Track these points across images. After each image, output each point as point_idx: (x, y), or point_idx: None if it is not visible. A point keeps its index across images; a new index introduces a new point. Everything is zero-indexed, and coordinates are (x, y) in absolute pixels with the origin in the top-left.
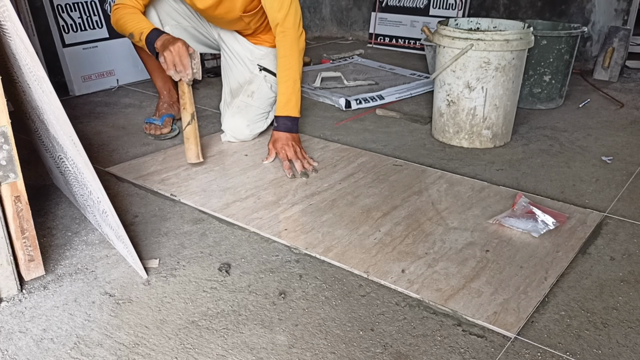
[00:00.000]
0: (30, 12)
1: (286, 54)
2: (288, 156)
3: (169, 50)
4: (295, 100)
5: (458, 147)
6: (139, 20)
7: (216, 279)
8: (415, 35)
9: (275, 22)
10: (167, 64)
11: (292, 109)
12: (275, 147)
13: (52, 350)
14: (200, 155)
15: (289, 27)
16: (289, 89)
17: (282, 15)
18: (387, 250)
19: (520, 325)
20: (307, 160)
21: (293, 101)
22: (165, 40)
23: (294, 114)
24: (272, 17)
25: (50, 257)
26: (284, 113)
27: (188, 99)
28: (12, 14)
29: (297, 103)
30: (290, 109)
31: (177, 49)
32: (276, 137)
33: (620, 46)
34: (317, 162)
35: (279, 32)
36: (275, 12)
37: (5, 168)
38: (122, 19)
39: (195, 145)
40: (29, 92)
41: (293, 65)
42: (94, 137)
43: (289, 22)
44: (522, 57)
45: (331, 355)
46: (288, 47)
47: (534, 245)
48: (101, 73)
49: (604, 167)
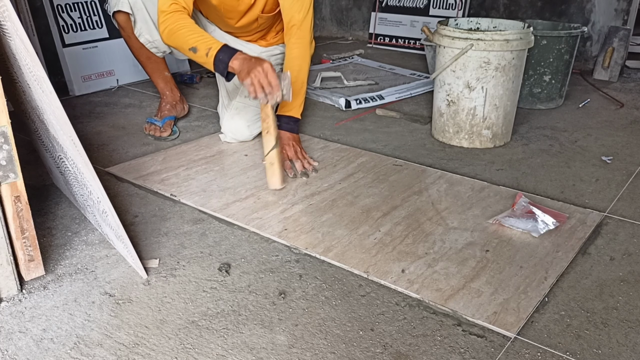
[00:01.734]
0: (30, 12)
1: (299, 55)
2: (289, 156)
3: (256, 73)
4: (300, 102)
5: (458, 147)
6: (202, 33)
7: (216, 279)
8: (415, 35)
9: (292, 23)
10: (254, 87)
11: (296, 110)
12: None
13: (52, 350)
14: (284, 180)
15: (305, 30)
16: (296, 90)
17: (301, 16)
18: (387, 250)
19: (520, 325)
20: (308, 160)
21: (298, 102)
22: (245, 60)
23: (297, 115)
24: (289, 17)
25: (50, 257)
26: (287, 113)
27: (272, 121)
28: (12, 14)
29: (301, 105)
30: (294, 110)
31: (266, 71)
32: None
33: (620, 46)
34: (317, 162)
35: (295, 33)
36: (295, 13)
37: (5, 168)
38: (182, 29)
39: (280, 170)
40: (29, 92)
41: (304, 68)
42: (94, 137)
43: (307, 25)
44: (522, 57)
45: (331, 355)
46: (302, 50)
47: (534, 245)
48: (101, 73)
49: (604, 167)
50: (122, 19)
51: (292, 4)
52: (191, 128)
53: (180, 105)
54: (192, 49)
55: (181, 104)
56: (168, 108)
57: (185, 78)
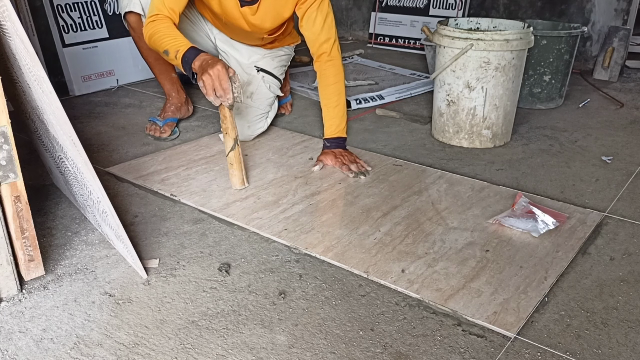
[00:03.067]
0: (30, 12)
1: (336, 80)
2: (345, 162)
3: (208, 74)
4: (345, 122)
5: (458, 147)
6: (175, 36)
7: (216, 279)
8: (415, 35)
9: (322, 52)
10: (206, 88)
11: (343, 130)
12: (327, 158)
13: (52, 350)
14: (245, 180)
15: (335, 56)
16: (340, 113)
17: (329, 45)
18: (387, 250)
19: (520, 325)
20: (361, 163)
21: (344, 124)
22: (203, 61)
23: (343, 135)
24: (316, 47)
25: (50, 257)
26: (336, 135)
27: (230, 123)
28: (12, 14)
29: (346, 125)
30: (341, 131)
31: (217, 73)
32: (328, 152)
33: (620, 46)
34: (371, 167)
35: (326, 60)
36: (322, 42)
37: (5, 168)
38: (157, 34)
39: (240, 170)
40: (29, 92)
41: (342, 91)
42: (94, 137)
43: (335, 51)
44: (522, 57)
45: (331, 355)
46: (337, 74)
47: (534, 245)
48: (101, 73)
49: (604, 167)
50: (133, 20)
51: (318, 35)
52: (191, 128)
53: (185, 107)
54: (165, 51)
55: (186, 106)
56: (172, 110)
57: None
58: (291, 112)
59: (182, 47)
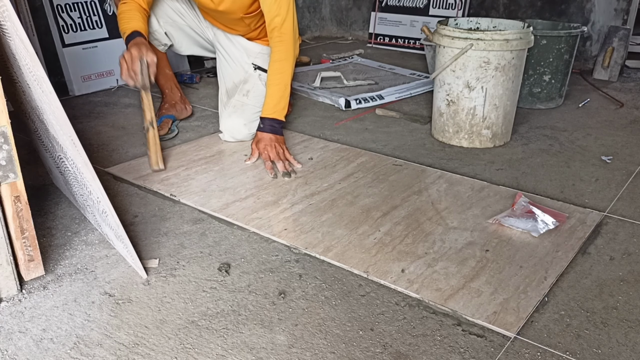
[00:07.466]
0: (30, 12)
1: (281, 57)
2: (270, 157)
3: (123, 57)
4: (284, 104)
5: (458, 146)
6: (129, 19)
7: (216, 279)
8: (415, 35)
9: (273, 26)
10: (122, 71)
11: (280, 112)
12: (258, 147)
13: (51, 350)
14: (160, 162)
15: (286, 32)
16: (279, 92)
17: (280, 20)
18: (386, 250)
19: (520, 325)
20: (290, 160)
21: (282, 105)
22: (131, 45)
23: (281, 117)
24: (269, 20)
25: (50, 257)
26: (271, 115)
27: (146, 105)
28: (12, 14)
29: (285, 107)
30: (278, 112)
31: (129, 56)
32: (260, 137)
33: (620, 46)
34: (301, 165)
35: (276, 36)
36: (273, 16)
37: (5, 168)
38: (120, 16)
39: (154, 152)
40: (29, 92)
41: (286, 70)
42: (94, 137)
43: (287, 27)
44: (521, 56)
45: (331, 355)
46: (284, 52)
47: (534, 245)
48: (101, 73)
49: (604, 167)
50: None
51: (270, 7)
52: (191, 128)
53: (180, 105)
54: (122, 33)
55: (182, 104)
56: (166, 107)
57: (185, 78)
58: (291, 112)
59: (128, 30)
